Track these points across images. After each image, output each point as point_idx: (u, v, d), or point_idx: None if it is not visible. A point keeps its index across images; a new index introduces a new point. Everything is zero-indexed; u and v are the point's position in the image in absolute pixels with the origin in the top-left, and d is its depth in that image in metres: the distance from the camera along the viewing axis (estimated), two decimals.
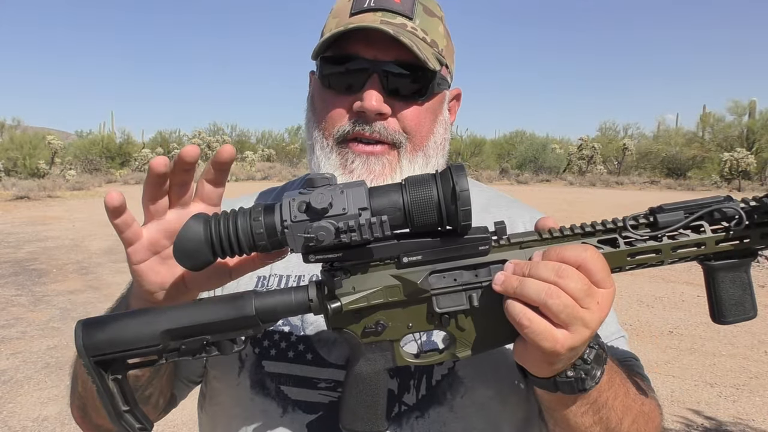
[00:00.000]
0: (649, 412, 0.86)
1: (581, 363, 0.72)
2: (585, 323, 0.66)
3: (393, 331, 0.74)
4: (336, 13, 1.00)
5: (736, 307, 0.76)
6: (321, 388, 0.93)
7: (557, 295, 0.65)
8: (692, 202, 0.74)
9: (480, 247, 0.72)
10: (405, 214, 0.67)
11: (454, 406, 0.91)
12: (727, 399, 4.64)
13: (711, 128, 32.80)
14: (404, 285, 0.72)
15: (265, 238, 0.67)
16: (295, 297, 0.72)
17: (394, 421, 0.91)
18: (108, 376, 0.72)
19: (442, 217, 0.67)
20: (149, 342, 0.70)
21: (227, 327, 0.71)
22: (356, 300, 0.71)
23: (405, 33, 0.92)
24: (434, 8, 1.01)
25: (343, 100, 0.95)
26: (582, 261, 0.66)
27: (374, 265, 0.72)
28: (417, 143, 0.97)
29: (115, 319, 0.72)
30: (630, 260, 0.74)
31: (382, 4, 0.95)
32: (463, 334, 0.74)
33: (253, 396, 0.95)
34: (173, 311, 0.72)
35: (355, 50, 0.93)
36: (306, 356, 0.94)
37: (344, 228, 0.64)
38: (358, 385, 0.76)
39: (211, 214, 0.70)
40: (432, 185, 0.67)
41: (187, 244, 0.68)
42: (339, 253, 0.69)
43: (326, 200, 0.64)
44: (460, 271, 0.72)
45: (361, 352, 0.75)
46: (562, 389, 0.74)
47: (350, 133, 0.94)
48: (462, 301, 0.72)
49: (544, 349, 0.67)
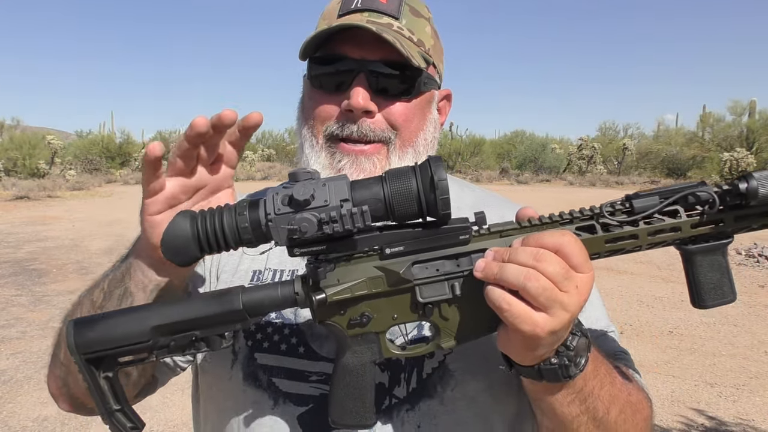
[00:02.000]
0: (636, 403, 0.87)
1: (564, 350, 0.73)
2: (564, 306, 0.67)
3: (378, 322, 0.75)
4: (325, 16, 1.02)
5: (714, 291, 0.77)
6: (312, 381, 0.94)
7: (536, 278, 0.66)
8: (667, 187, 0.75)
9: (460, 236, 0.73)
10: (386, 206, 0.69)
11: (444, 399, 0.92)
12: (727, 399, 4.64)
13: (711, 128, 32.78)
14: (387, 276, 0.73)
15: (250, 232, 0.69)
16: (281, 291, 0.74)
17: (385, 414, 0.92)
18: (99, 374, 0.73)
19: (422, 207, 0.69)
20: (139, 338, 0.71)
21: (215, 321, 0.73)
22: (340, 291, 0.73)
23: (390, 32, 0.93)
24: (421, 9, 1.03)
25: (331, 99, 0.97)
26: (560, 245, 0.68)
27: (358, 257, 0.73)
28: (406, 138, 0.98)
29: (105, 317, 0.73)
30: (608, 246, 0.75)
31: (368, 5, 0.97)
32: (446, 323, 0.75)
33: (245, 388, 0.96)
34: (162, 307, 0.73)
35: (343, 50, 0.95)
36: (298, 349, 0.95)
37: (326, 219, 0.66)
38: (345, 378, 0.77)
39: (194, 210, 0.73)
40: (411, 176, 0.69)
41: (175, 240, 0.69)
42: (323, 246, 0.71)
43: (308, 192, 0.66)
44: (442, 261, 0.74)
45: (348, 344, 0.76)
46: (546, 377, 0.74)
47: (339, 135, 0.96)
48: (444, 291, 0.74)
49: (524, 333, 0.68)
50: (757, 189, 0.72)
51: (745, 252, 10.17)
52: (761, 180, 0.72)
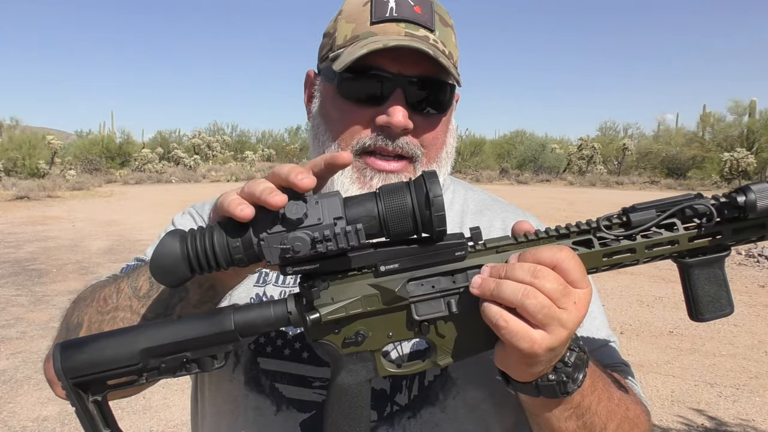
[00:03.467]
0: (634, 418, 0.86)
1: (562, 366, 0.72)
2: (562, 323, 0.66)
3: (373, 341, 0.74)
4: (350, 17, 0.96)
5: (712, 304, 0.77)
6: (315, 387, 0.93)
7: (534, 296, 0.65)
8: (664, 200, 0.75)
9: (456, 253, 0.72)
10: (380, 223, 0.67)
11: (446, 407, 0.92)
12: (727, 399, 4.64)
13: (711, 128, 32.79)
14: (382, 293, 0.72)
15: (241, 251, 0.67)
16: (274, 310, 0.72)
17: (386, 421, 0.91)
18: (88, 397, 0.71)
19: (417, 224, 0.68)
20: (128, 362, 0.69)
21: (207, 343, 0.71)
22: (335, 310, 0.71)
23: (433, 48, 0.91)
24: (447, 17, 1.00)
25: (363, 111, 0.93)
26: (557, 261, 0.67)
27: (352, 275, 0.72)
28: (432, 156, 0.97)
29: (93, 340, 0.71)
30: (605, 260, 0.74)
31: (405, 15, 0.93)
32: (443, 341, 0.74)
33: (247, 392, 0.95)
34: (152, 329, 0.71)
35: (379, 62, 0.91)
36: (302, 355, 0.94)
37: (320, 238, 0.64)
38: (340, 398, 0.76)
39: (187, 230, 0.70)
40: (406, 193, 0.67)
41: (165, 261, 0.67)
42: (316, 264, 0.69)
43: (301, 211, 0.64)
44: (437, 278, 0.72)
45: (343, 363, 0.75)
46: (544, 393, 0.74)
47: (371, 146, 0.93)
48: (441, 308, 0.72)
49: (522, 351, 0.66)
50: (755, 202, 0.71)
51: (745, 252, 10.17)
52: (759, 193, 0.71)
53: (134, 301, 0.84)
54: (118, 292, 0.86)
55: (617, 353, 1.03)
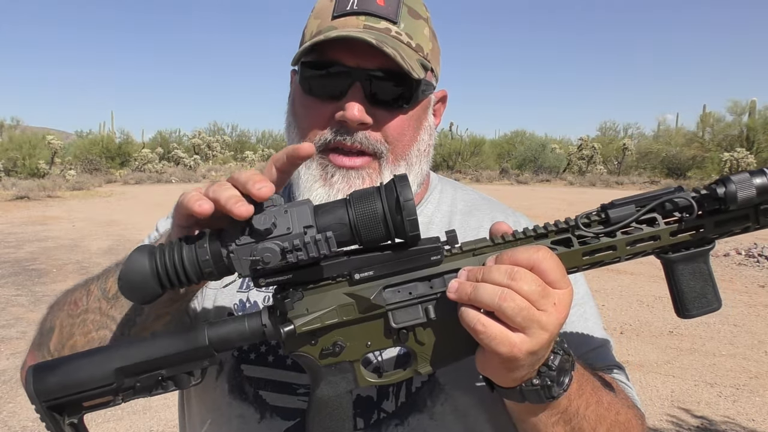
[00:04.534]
0: (624, 422, 0.83)
1: (546, 370, 0.71)
2: (542, 326, 0.64)
3: (352, 351, 0.73)
4: (317, 14, 0.96)
5: (698, 300, 0.75)
6: (300, 394, 0.92)
7: (511, 298, 0.63)
8: (643, 195, 0.73)
9: (432, 257, 0.70)
10: (352, 230, 0.66)
11: (434, 414, 0.90)
12: (727, 399, 4.64)
13: (711, 128, 32.75)
14: (358, 302, 0.70)
15: (211, 264, 0.66)
16: (248, 324, 0.71)
17: (374, 428, 0.90)
18: (64, 420, 0.70)
19: (390, 230, 0.66)
20: (102, 382, 0.68)
21: (181, 359, 0.70)
22: (310, 321, 0.70)
23: (389, 39, 0.89)
24: (419, 9, 0.97)
25: (324, 107, 0.92)
26: (534, 262, 0.65)
27: (326, 285, 0.70)
28: (399, 152, 0.94)
29: (66, 361, 0.70)
30: (585, 259, 0.73)
31: (365, 8, 0.91)
32: (423, 348, 0.73)
33: (230, 400, 0.93)
34: (125, 348, 0.70)
35: (337, 56, 0.90)
36: (286, 361, 0.93)
37: (290, 247, 0.63)
38: (321, 411, 0.74)
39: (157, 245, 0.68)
40: (376, 198, 0.66)
41: (134, 277, 0.66)
42: (289, 275, 0.68)
43: (269, 221, 0.63)
44: (414, 284, 0.71)
45: (322, 375, 0.73)
46: (528, 398, 0.72)
47: (331, 142, 0.91)
48: (418, 314, 0.71)
49: (501, 355, 0.65)
50: (736, 193, 0.69)
51: (745, 252, 10.16)
52: (739, 183, 0.69)
53: (103, 303, 0.83)
54: (88, 295, 0.85)
55: (611, 355, 1.00)
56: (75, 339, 0.83)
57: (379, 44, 0.85)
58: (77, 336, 0.83)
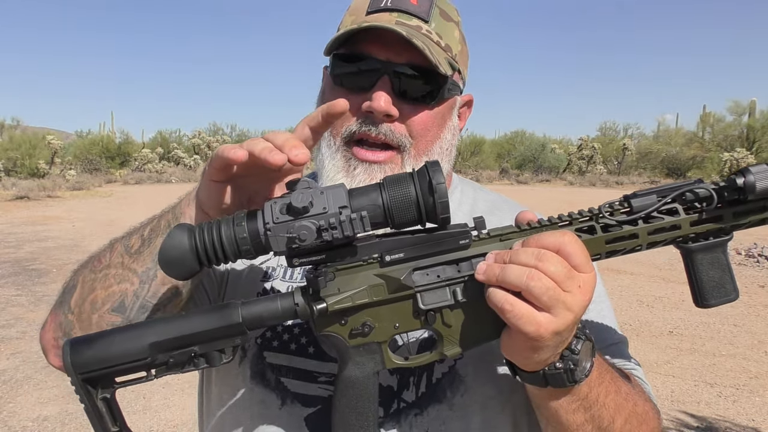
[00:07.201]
0: (642, 414, 0.85)
1: (569, 354, 0.73)
2: (567, 306, 0.66)
3: (380, 332, 0.74)
4: (353, 11, 0.99)
5: (717, 289, 0.77)
6: (321, 382, 0.93)
7: (538, 278, 0.65)
8: (665, 186, 0.75)
9: (460, 241, 0.73)
10: (385, 212, 0.68)
11: (453, 405, 0.92)
12: (727, 399, 4.64)
13: (711, 128, 32.76)
14: (388, 283, 0.72)
15: (249, 242, 0.68)
16: (281, 303, 0.72)
17: (393, 418, 0.91)
18: (97, 394, 0.71)
19: (421, 213, 0.69)
20: (137, 356, 0.70)
21: (214, 336, 0.71)
22: (341, 300, 0.72)
23: (419, 35, 0.91)
24: (451, 12, 1.00)
25: (352, 98, 0.93)
26: (560, 245, 0.68)
27: (358, 266, 0.73)
28: (422, 148, 0.96)
29: (102, 336, 0.72)
30: (608, 246, 0.75)
31: (398, 5, 0.94)
32: (449, 330, 0.74)
33: (252, 386, 0.95)
34: (160, 324, 0.72)
35: (368, 50, 0.93)
36: (308, 349, 0.95)
37: (325, 226, 0.65)
38: (348, 391, 0.76)
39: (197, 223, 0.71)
40: (410, 182, 0.69)
41: (173, 253, 0.68)
42: (322, 255, 0.70)
43: (306, 199, 0.65)
44: (442, 267, 0.73)
45: (350, 355, 0.75)
46: (551, 382, 0.74)
47: (356, 133, 0.93)
48: (446, 297, 0.73)
49: (527, 334, 0.67)
50: (755, 183, 0.72)
51: (745, 252, 10.17)
52: (758, 174, 0.72)
53: (126, 258, 0.84)
54: (112, 251, 0.87)
55: (627, 353, 1.02)
56: (96, 293, 0.84)
57: (408, 36, 0.88)
58: (98, 290, 0.83)
